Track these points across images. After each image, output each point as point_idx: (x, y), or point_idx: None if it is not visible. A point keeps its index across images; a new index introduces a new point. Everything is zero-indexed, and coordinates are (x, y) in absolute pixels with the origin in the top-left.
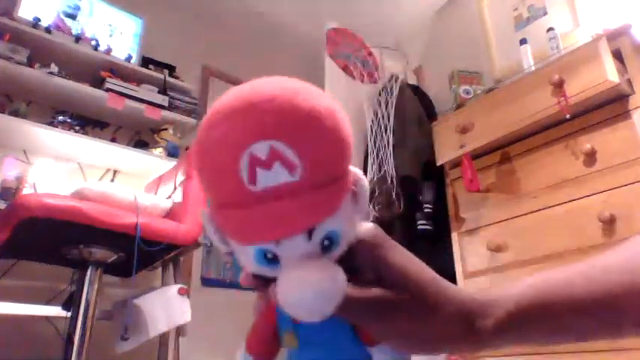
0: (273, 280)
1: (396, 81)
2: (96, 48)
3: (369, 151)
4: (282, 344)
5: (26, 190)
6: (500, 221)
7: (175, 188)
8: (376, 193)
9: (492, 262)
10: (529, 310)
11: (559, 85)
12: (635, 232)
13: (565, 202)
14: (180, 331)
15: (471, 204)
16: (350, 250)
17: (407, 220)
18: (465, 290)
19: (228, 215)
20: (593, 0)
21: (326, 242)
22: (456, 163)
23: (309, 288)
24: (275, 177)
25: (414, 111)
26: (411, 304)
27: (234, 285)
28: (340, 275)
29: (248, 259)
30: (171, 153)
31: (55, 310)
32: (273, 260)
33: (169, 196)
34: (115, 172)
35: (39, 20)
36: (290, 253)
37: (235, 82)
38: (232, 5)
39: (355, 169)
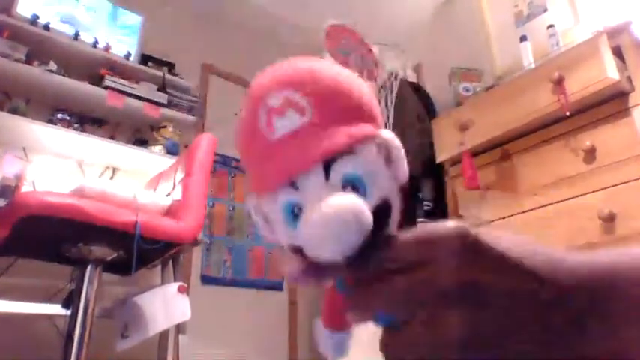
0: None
1: (395, 78)
2: (95, 45)
3: None
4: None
5: (25, 188)
6: (500, 219)
7: (175, 186)
8: None
9: None
10: None
11: (559, 83)
12: (634, 230)
13: (565, 200)
14: (179, 328)
15: (470, 201)
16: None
17: (407, 218)
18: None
19: (255, 172)
20: None
21: (348, 188)
22: (456, 161)
23: (328, 210)
24: (290, 123)
25: (414, 108)
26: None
27: (233, 283)
28: (360, 202)
29: (281, 225)
30: (171, 151)
31: (55, 309)
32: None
33: (169, 194)
34: (114, 169)
35: (37, 17)
36: (311, 197)
37: (235, 79)
38: (232, 2)
39: (390, 135)
